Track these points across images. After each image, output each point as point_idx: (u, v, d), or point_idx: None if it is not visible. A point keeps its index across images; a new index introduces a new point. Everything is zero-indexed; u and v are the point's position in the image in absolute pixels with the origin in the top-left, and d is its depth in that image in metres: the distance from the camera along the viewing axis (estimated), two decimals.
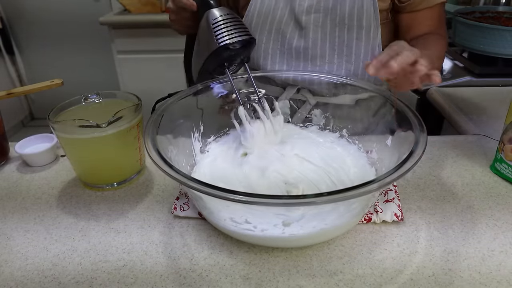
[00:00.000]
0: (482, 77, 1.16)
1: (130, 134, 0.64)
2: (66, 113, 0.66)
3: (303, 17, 0.77)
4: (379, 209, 0.56)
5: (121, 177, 0.67)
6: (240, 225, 0.49)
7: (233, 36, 0.62)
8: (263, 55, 0.80)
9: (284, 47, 0.79)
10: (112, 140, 0.62)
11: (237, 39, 0.63)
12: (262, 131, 0.66)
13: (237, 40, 0.62)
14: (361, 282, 0.47)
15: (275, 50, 0.80)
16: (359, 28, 0.75)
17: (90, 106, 0.67)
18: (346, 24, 0.75)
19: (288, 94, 0.80)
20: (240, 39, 0.63)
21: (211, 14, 0.63)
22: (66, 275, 0.49)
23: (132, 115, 0.63)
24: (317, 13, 0.77)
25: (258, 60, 0.82)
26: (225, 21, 0.63)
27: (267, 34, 0.79)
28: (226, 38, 0.62)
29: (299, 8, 0.77)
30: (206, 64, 0.65)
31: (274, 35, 0.79)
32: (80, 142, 0.62)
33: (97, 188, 0.66)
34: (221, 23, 0.62)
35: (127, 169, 0.68)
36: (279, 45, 0.79)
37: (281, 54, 0.79)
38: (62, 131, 0.61)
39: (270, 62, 0.80)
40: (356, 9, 0.75)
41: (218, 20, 0.63)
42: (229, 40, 0.62)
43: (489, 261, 0.49)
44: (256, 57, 0.81)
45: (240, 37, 0.63)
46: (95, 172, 0.66)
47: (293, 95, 0.80)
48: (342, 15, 0.75)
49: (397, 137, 0.58)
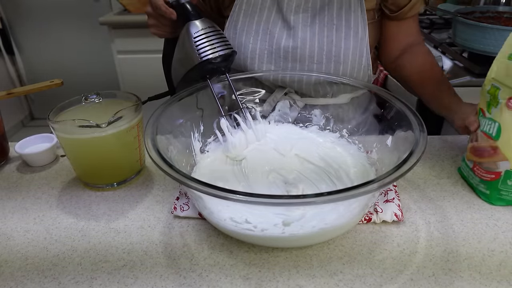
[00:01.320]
0: (482, 77, 1.15)
1: (130, 134, 0.64)
2: (66, 113, 0.66)
3: (291, 17, 0.76)
4: (379, 209, 0.56)
5: (121, 177, 0.67)
6: (240, 225, 0.49)
7: (215, 51, 0.63)
8: (250, 55, 0.78)
9: (272, 47, 0.77)
10: (112, 140, 0.62)
11: (219, 53, 0.63)
12: (243, 140, 0.67)
13: (219, 54, 0.63)
14: (361, 282, 0.47)
15: (263, 50, 0.78)
16: (347, 29, 0.74)
17: (90, 106, 0.67)
18: (335, 24, 0.75)
19: (276, 97, 0.79)
20: (222, 53, 0.63)
21: (193, 26, 0.64)
22: (66, 275, 0.49)
23: (132, 115, 0.63)
24: (305, 12, 0.76)
25: (245, 61, 0.79)
26: (207, 35, 0.63)
27: (255, 35, 0.78)
28: (208, 52, 0.63)
29: (287, 8, 0.77)
30: (188, 75, 0.66)
31: (261, 35, 0.77)
32: (80, 142, 0.62)
33: (97, 188, 0.66)
34: (203, 37, 0.63)
35: (127, 169, 0.67)
36: (267, 45, 0.78)
37: (269, 54, 0.78)
38: (62, 131, 0.61)
39: (257, 62, 0.79)
40: (344, 9, 0.75)
41: (200, 33, 0.63)
42: (211, 55, 0.62)
43: (489, 261, 0.49)
44: (243, 58, 0.79)
45: (222, 51, 0.63)
46: (95, 172, 0.66)
47: (280, 97, 0.79)
48: (330, 15, 0.75)
49: (397, 137, 0.58)
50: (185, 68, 0.65)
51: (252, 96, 0.75)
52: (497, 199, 0.58)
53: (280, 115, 0.76)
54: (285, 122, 0.76)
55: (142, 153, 0.69)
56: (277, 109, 0.76)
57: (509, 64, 0.54)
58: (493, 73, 0.56)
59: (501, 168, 0.56)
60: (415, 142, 0.49)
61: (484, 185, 0.59)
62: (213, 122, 0.69)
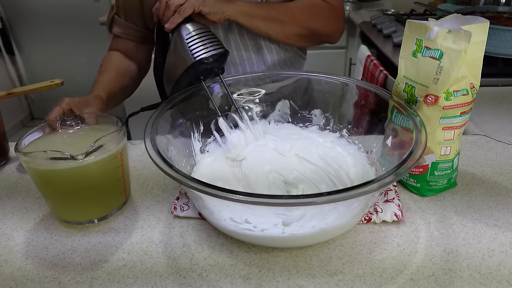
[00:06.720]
0: (482, 77, 1.15)
1: (112, 164, 0.55)
2: (37, 141, 0.56)
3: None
4: (379, 209, 0.56)
5: (101, 213, 0.58)
6: (240, 225, 0.49)
7: (208, 50, 0.63)
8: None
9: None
10: (90, 172, 0.53)
11: (212, 52, 0.63)
12: (242, 140, 0.67)
13: (212, 54, 0.63)
14: (361, 282, 0.47)
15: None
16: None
17: (65, 133, 0.59)
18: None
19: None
20: (215, 53, 0.63)
21: (184, 29, 0.64)
22: (66, 275, 0.49)
23: (114, 142, 0.54)
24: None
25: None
26: (199, 35, 0.64)
27: None
28: (201, 52, 0.62)
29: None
30: (182, 79, 0.65)
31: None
32: (52, 174, 0.52)
33: (74, 226, 0.57)
34: (195, 37, 0.63)
35: (109, 203, 0.59)
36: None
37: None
38: (30, 163, 0.52)
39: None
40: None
41: (192, 35, 0.63)
42: (205, 55, 0.62)
43: (489, 261, 0.49)
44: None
45: (215, 51, 0.63)
46: (71, 207, 0.57)
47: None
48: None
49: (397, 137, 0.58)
50: (178, 71, 0.65)
51: (252, 96, 0.75)
52: (426, 190, 0.61)
53: (280, 115, 0.76)
54: (285, 122, 0.76)
55: (127, 184, 0.61)
56: (277, 109, 0.77)
57: (414, 61, 0.56)
58: (403, 71, 0.58)
59: (428, 161, 0.59)
60: (415, 142, 0.49)
61: (414, 179, 0.61)
62: (211, 122, 0.69)
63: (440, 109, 0.54)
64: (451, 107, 0.54)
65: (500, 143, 0.75)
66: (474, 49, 0.53)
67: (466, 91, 0.55)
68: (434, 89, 0.54)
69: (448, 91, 0.54)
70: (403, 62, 0.58)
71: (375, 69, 1.43)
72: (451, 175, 0.61)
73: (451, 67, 0.52)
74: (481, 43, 0.53)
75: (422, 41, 0.54)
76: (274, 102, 0.75)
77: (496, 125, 0.83)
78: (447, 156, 0.58)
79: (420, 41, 0.55)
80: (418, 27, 0.55)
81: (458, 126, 0.56)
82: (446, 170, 0.59)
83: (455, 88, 0.54)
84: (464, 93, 0.54)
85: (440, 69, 0.53)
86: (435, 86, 0.54)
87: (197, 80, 0.66)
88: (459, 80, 0.54)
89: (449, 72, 0.52)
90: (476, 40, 0.52)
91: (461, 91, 0.54)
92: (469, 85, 0.55)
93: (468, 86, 0.55)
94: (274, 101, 0.75)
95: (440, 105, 0.54)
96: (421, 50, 0.55)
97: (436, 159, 0.58)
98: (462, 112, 0.55)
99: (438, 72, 0.53)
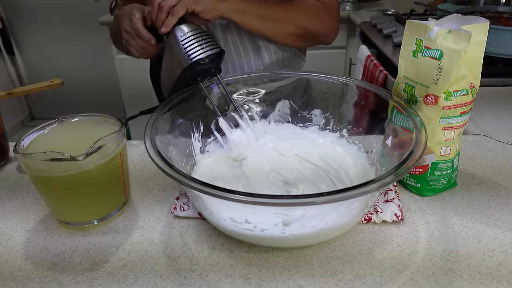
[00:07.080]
0: (482, 77, 1.15)
1: (112, 165, 0.55)
2: (36, 141, 0.56)
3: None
4: (379, 209, 0.56)
5: (101, 214, 0.58)
6: (240, 225, 0.49)
7: (204, 51, 0.63)
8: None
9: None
10: (90, 173, 0.52)
11: (208, 53, 0.63)
12: (244, 138, 0.67)
13: (208, 54, 0.62)
14: (361, 282, 0.47)
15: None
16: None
17: (64, 131, 0.58)
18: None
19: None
20: (211, 53, 0.63)
21: (179, 30, 0.64)
22: (66, 275, 0.49)
23: (115, 142, 0.54)
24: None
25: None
26: (195, 36, 0.63)
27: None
28: (198, 53, 0.62)
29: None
30: (179, 81, 0.65)
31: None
32: (51, 175, 0.52)
33: (74, 227, 0.57)
34: (191, 38, 0.63)
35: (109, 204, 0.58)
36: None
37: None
38: (29, 164, 0.51)
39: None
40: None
41: (188, 36, 0.63)
42: (201, 55, 0.62)
43: (489, 261, 0.49)
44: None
45: (211, 51, 0.63)
46: (70, 209, 0.57)
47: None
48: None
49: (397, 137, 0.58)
50: (175, 73, 0.65)
51: (252, 96, 0.75)
52: (426, 190, 0.61)
53: (280, 115, 0.76)
54: (285, 122, 0.76)
55: (127, 184, 0.60)
56: (277, 109, 0.76)
57: (414, 61, 0.56)
58: (403, 71, 0.58)
59: (428, 161, 0.59)
60: (415, 142, 0.49)
61: (414, 179, 0.61)
62: (211, 122, 0.69)
63: (440, 109, 0.54)
64: (451, 107, 0.54)
65: (500, 143, 0.75)
66: (474, 49, 0.52)
67: (466, 91, 0.55)
68: (434, 89, 0.54)
69: (448, 91, 0.54)
70: (403, 62, 0.58)
71: (375, 69, 1.43)
72: (451, 175, 0.61)
73: (451, 67, 0.52)
74: (481, 43, 0.53)
75: (422, 41, 0.54)
76: (274, 102, 0.75)
77: (496, 125, 0.83)
78: (447, 156, 0.58)
79: (420, 41, 0.55)
80: (418, 27, 0.55)
81: (458, 126, 0.56)
82: (446, 170, 0.59)
83: (455, 88, 0.54)
84: (464, 93, 0.54)
85: (440, 69, 0.53)
86: (435, 86, 0.54)
87: (195, 81, 0.66)
88: (459, 80, 0.54)
89: (449, 72, 0.52)
90: (476, 40, 0.52)
91: (461, 91, 0.54)
92: (469, 85, 0.55)
93: (468, 86, 0.55)
94: (274, 101, 0.75)
95: (440, 105, 0.54)
96: (421, 50, 0.55)
97: (436, 159, 0.58)
98: (462, 112, 0.55)
99: (438, 72, 0.53)
